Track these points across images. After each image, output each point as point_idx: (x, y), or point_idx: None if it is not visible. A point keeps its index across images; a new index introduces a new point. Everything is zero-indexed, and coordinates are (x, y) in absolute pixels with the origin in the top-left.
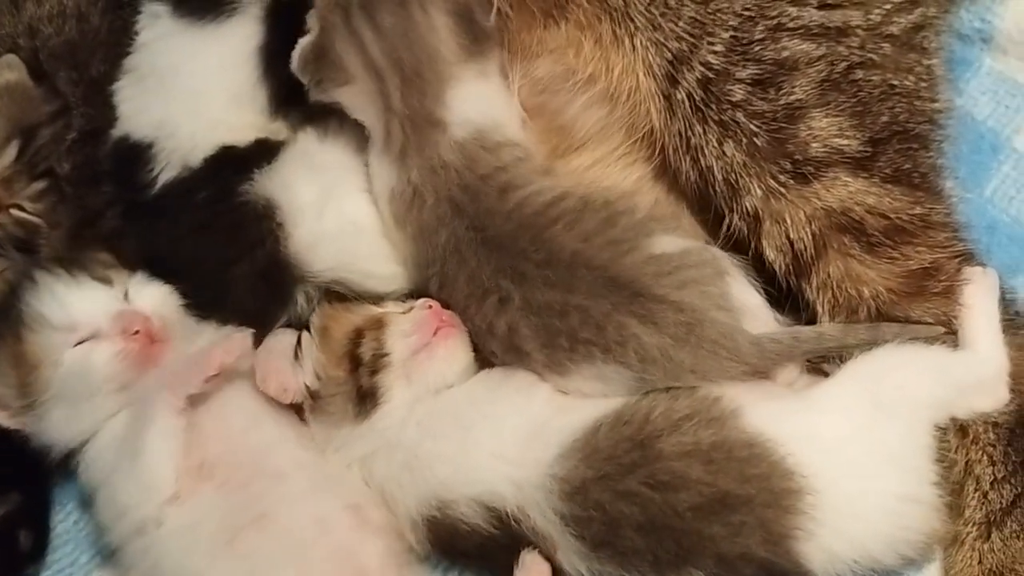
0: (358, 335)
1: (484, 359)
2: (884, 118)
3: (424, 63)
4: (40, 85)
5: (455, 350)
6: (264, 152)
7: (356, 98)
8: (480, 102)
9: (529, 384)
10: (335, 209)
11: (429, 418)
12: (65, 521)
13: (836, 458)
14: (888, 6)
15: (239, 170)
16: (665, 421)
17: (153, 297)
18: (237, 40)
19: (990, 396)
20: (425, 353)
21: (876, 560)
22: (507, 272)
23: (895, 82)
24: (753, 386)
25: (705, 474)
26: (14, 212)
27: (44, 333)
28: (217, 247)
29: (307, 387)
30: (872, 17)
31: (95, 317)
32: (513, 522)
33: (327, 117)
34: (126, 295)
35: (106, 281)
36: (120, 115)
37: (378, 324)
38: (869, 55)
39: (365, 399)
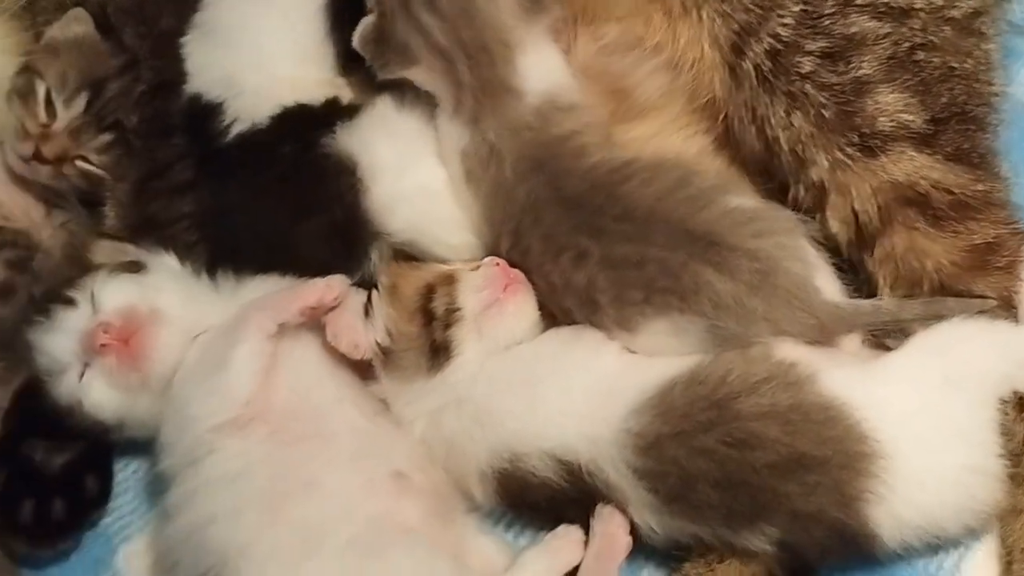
0: (429, 291)
1: (549, 320)
2: (944, 99)
3: (489, 36)
4: (107, 39)
5: (524, 306)
6: (342, 110)
7: (423, 75)
8: (548, 65)
9: (598, 342)
10: (413, 173)
11: (500, 373)
12: (124, 471)
13: (906, 426)
14: None
15: (320, 125)
16: (742, 383)
17: (117, 291)
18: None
19: None
20: (496, 308)
21: (941, 528)
22: (584, 228)
23: (954, 64)
24: (823, 353)
25: (783, 435)
26: (79, 163)
27: (53, 381)
28: (298, 199)
29: (378, 344)
30: (935, 1)
31: (71, 347)
32: (586, 475)
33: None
34: (93, 302)
35: (70, 302)
36: (189, 71)
37: (449, 280)
38: (931, 37)
39: (438, 353)
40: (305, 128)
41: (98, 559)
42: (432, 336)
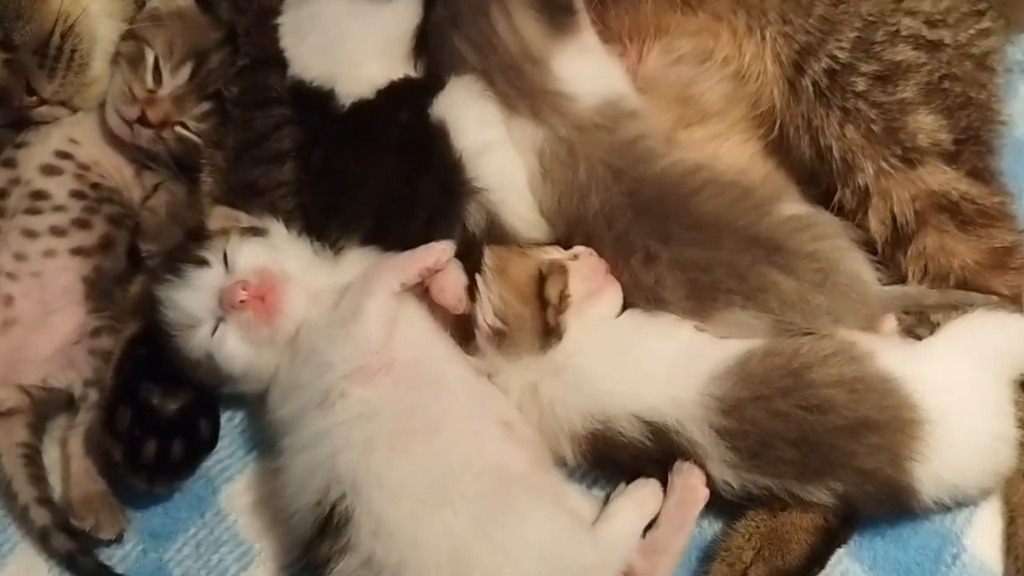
0: (542, 277)
1: None
2: (963, 123)
3: (517, 57)
4: (205, 12)
5: (617, 293)
6: (436, 81)
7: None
8: (595, 71)
9: (674, 320)
10: (492, 130)
11: (594, 345)
12: (222, 419)
13: (946, 399)
14: (972, 31)
15: (423, 94)
16: (814, 356)
17: (251, 253)
18: (401, 17)
19: None
20: (597, 294)
21: (969, 486)
22: (655, 234)
23: (972, 94)
24: (872, 336)
25: (850, 401)
26: (179, 129)
27: (183, 335)
28: (412, 161)
29: (487, 324)
30: (959, 38)
31: (206, 303)
32: (673, 434)
33: None
34: (225, 262)
35: (203, 262)
36: (287, 52)
37: (560, 269)
38: (955, 69)
39: (551, 334)
40: (412, 98)
41: (200, 498)
42: (546, 320)
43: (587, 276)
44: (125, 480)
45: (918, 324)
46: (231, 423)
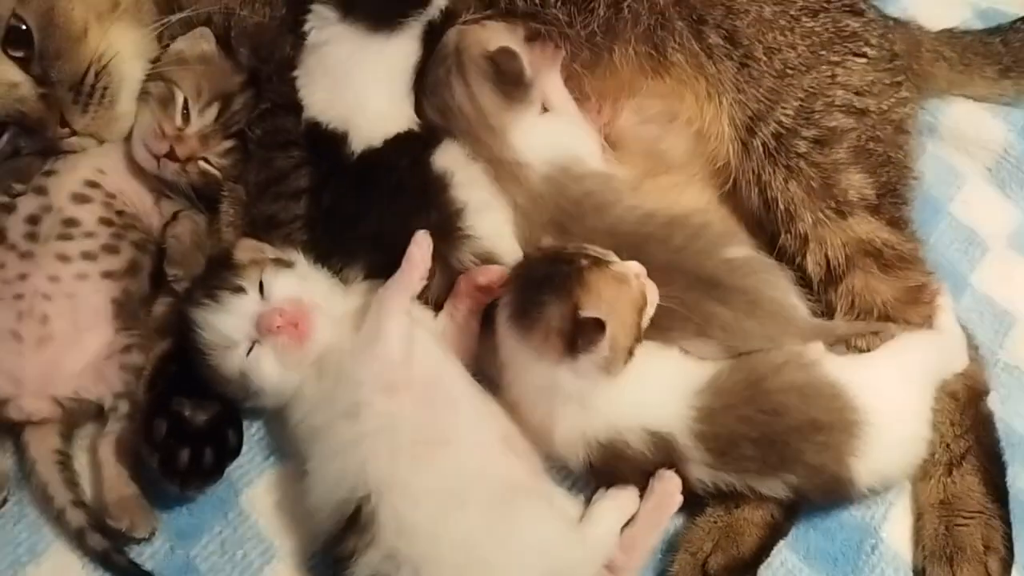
0: (640, 313)
1: None
2: (883, 179)
3: (476, 124)
4: (227, 57)
5: None
6: (436, 135)
7: None
8: (547, 140)
9: (665, 346)
10: (492, 209)
11: None
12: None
13: (881, 404)
14: (892, 99)
15: (424, 146)
16: (767, 367)
17: (285, 283)
18: (402, 54)
19: (959, 361)
20: None
21: (893, 477)
22: None
23: (891, 154)
24: (817, 347)
25: (801, 404)
26: (201, 164)
27: (218, 355)
28: (409, 202)
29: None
30: (882, 106)
31: (243, 327)
32: (664, 440)
33: None
34: (261, 291)
35: (239, 289)
36: (303, 100)
37: (645, 296)
38: (878, 132)
39: (631, 356)
40: (414, 148)
41: (223, 500)
42: (632, 349)
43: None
44: (156, 484)
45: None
46: (249, 432)
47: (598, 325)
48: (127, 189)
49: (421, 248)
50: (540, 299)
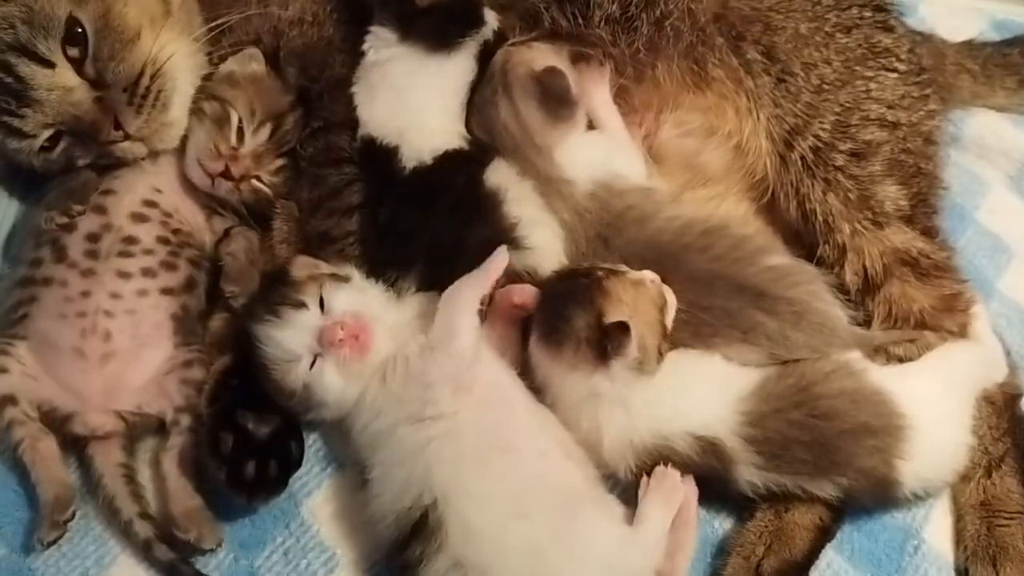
0: (661, 311)
1: None
2: (915, 189)
3: (522, 142)
4: (276, 78)
5: None
6: (488, 152)
7: None
8: (591, 158)
9: (706, 354)
10: (544, 224)
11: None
12: None
13: (924, 410)
14: (921, 112)
15: (476, 163)
16: (816, 375)
17: (344, 298)
18: (459, 73)
19: (999, 371)
20: None
21: (937, 481)
22: None
23: (922, 166)
24: (860, 356)
25: (851, 409)
26: (254, 182)
27: (281, 369)
28: (463, 218)
29: (633, 354)
30: (912, 119)
31: (306, 341)
32: (712, 445)
33: None
34: (321, 305)
35: (300, 305)
36: (360, 118)
37: (665, 299)
38: (909, 145)
39: (662, 357)
40: (468, 166)
41: (284, 511)
42: (662, 348)
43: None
44: (218, 496)
45: (880, 357)
46: (307, 444)
47: (623, 328)
48: (181, 207)
49: (501, 258)
50: (566, 314)
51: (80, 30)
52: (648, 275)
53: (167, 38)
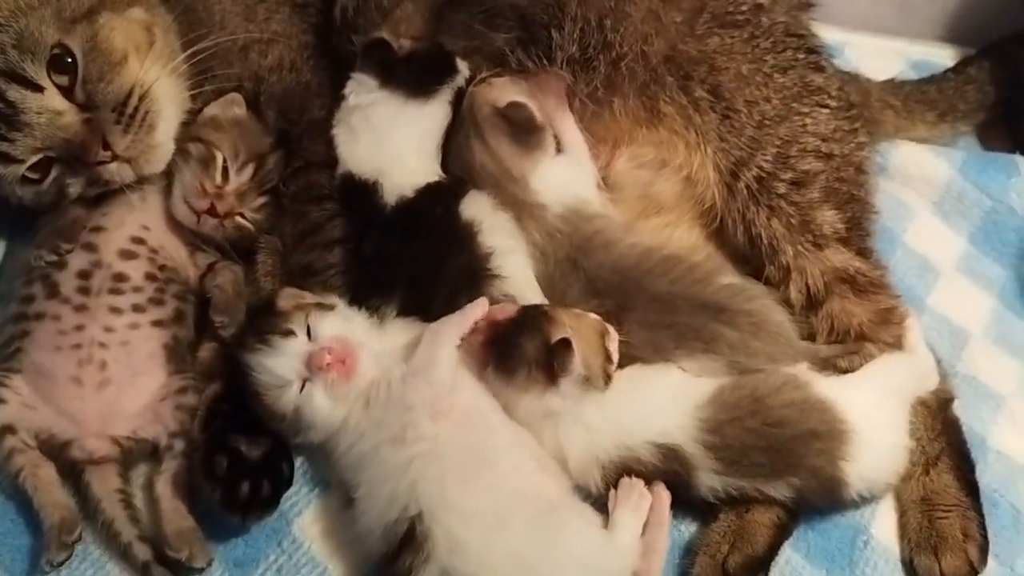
0: (603, 336)
1: None
2: (849, 214)
3: (500, 176)
4: (258, 120)
5: None
6: (464, 185)
7: None
8: (561, 182)
9: (664, 366)
10: (517, 253)
11: (616, 388)
12: None
13: (865, 415)
14: (852, 144)
15: (453, 196)
16: (768, 387)
17: (330, 325)
18: (436, 117)
19: (930, 381)
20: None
21: (880, 482)
22: (617, 307)
23: (854, 192)
24: (805, 369)
25: (800, 417)
26: (238, 219)
27: (272, 394)
28: (441, 247)
29: (579, 371)
30: (844, 150)
31: (295, 367)
32: (673, 451)
33: None
34: (308, 333)
35: (289, 333)
36: (340, 156)
37: (606, 327)
38: (842, 173)
39: (609, 377)
40: (445, 197)
41: (275, 530)
42: (607, 368)
43: (614, 336)
44: (210, 518)
45: (825, 368)
46: (295, 466)
47: (566, 344)
48: (167, 244)
49: (481, 306)
50: (517, 342)
51: (69, 59)
52: (590, 313)
53: (151, 65)
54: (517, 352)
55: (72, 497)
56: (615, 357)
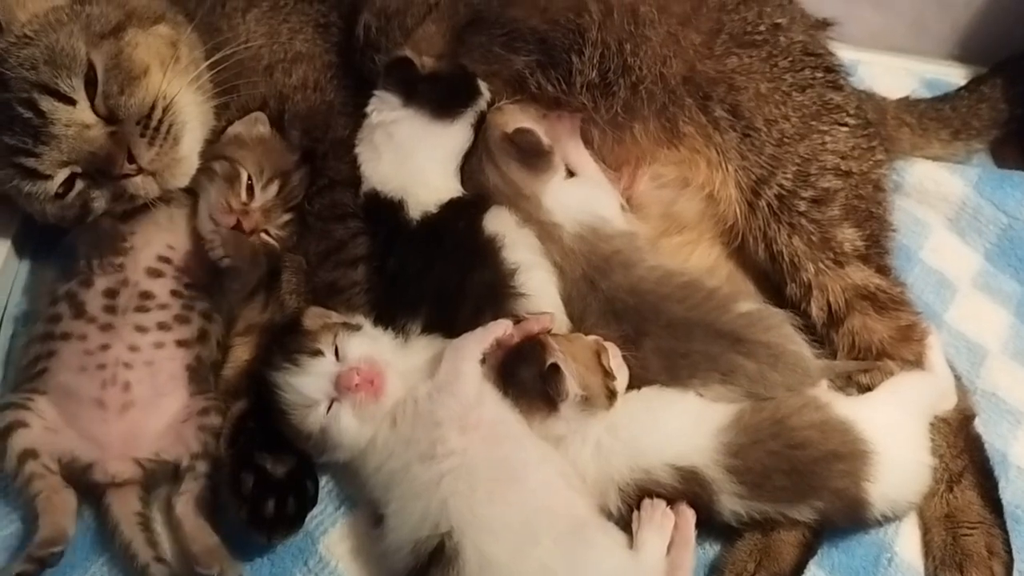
0: (598, 354)
1: None
2: (868, 231)
3: (513, 196)
4: (282, 139)
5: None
6: (485, 200)
7: None
8: (574, 202)
9: (680, 390)
10: (539, 269)
11: (631, 411)
12: None
13: (885, 435)
14: (870, 162)
15: (476, 210)
16: (789, 409)
17: (358, 345)
18: (459, 139)
19: (950, 399)
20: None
21: (904, 502)
22: (635, 331)
23: (873, 210)
24: (825, 390)
25: (821, 439)
26: (263, 235)
27: (299, 413)
28: (464, 261)
29: (575, 392)
30: (863, 168)
31: (323, 387)
32: (693, 474)
33: None
34: (336, 353)
35: (317, 352)
36: (364, 174)
37: (603, 347)
38: (861, 191)
39: (613, 395)
40: (468, 212)
41: (301, 549)
42: (608, 384)
43: (615, 354)
44: (235, 538)
45: (846, 385)
46: (320, 485)
47: (555, 369)
48: (192, 263)
49: (503, 324)
50: (517, 373)
51: (92, 73)
52: (583, 335)
53: (174, 78)
54: (518, 383)
55: (94, 519)
56: (618, 373)
